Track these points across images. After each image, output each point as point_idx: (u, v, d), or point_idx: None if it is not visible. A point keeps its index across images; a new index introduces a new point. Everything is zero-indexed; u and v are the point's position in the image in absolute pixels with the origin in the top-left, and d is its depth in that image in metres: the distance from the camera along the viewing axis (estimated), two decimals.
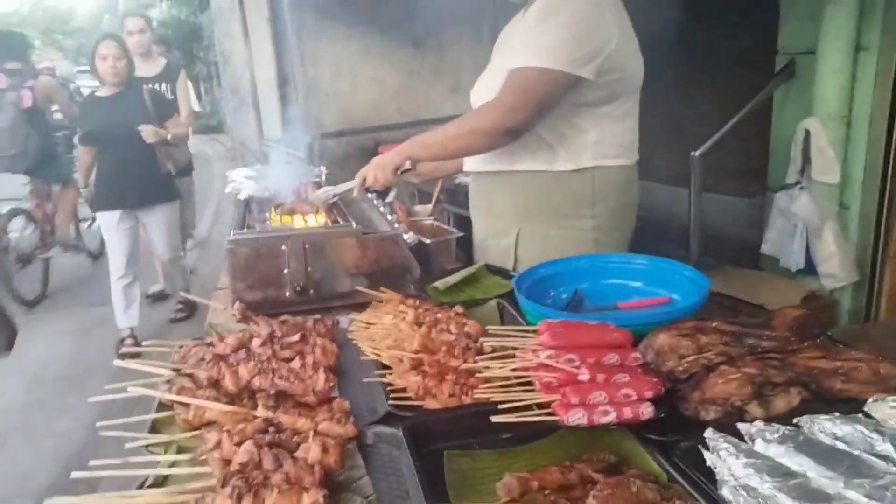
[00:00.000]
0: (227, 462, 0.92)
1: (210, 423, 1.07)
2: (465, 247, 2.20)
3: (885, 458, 0.80)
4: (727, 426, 0.95)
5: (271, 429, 1.01)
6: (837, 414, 0.90)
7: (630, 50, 1.76)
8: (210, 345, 1.25)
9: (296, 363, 1.20)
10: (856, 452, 0.83)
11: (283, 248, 1.62)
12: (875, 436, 0.83)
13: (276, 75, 3.96)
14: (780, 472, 0.80)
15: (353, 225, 1.69)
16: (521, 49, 1.67)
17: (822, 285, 2.55)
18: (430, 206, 2.32)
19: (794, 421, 0.94)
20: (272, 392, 1.11)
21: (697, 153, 2.70)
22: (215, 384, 1.13)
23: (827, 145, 2.48)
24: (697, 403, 1.03)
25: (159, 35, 4.90)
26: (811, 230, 2.50)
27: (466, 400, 1.10)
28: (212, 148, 13.29)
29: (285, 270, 1.62)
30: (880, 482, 0.74)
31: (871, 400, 0.94)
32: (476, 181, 2.01)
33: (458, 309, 1.45)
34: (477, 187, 2.01)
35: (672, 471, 0.89)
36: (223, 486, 0.83)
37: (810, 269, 2.59)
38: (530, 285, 1.54)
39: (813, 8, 2.49)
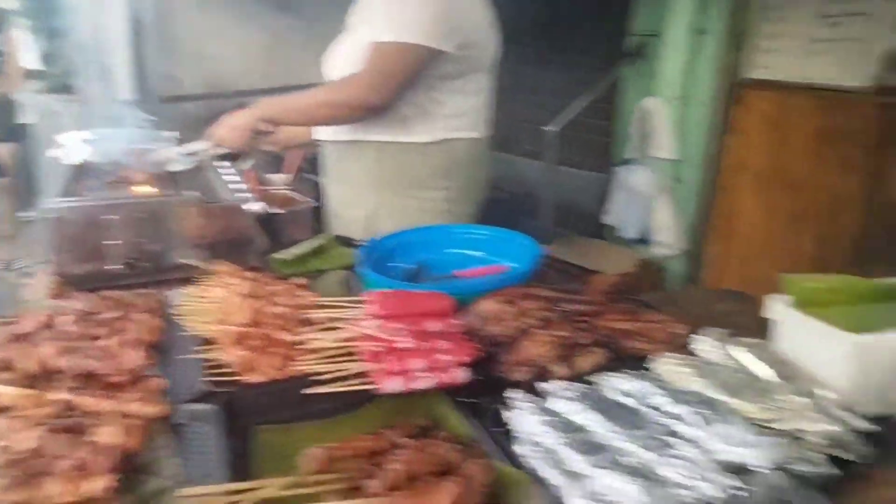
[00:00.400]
0: (13, 449, 0.85)
1: (5, 409, 0.99)
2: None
3: (656, 409, 0.87)
4: (533, 387, 1.01)
5: (71, 412, 0.95)
6: (617, 370, 0.98)
7: (485, 26, 1.79)
8: (10, 324, 1.15)
9: (107, 341, 1.13)
10: (638, 407, 0.90)
11: (113, 217, 1.51)
12: (656, 390, 0.90)
13: (128, 30, 3.65)
14: (567, 427, 0.85)
15: (191, 193, 1.61)
16: (384, 22, 1.64)
17: (655, 253, 2.75)
18: (289, 176, 2.25)
19: (589, 379, 1.01)
20: (77, 373, 1.04)
21: (550, 128, 2.80)
22: (9, 367, 1.04)
23: (665, 123, 2.66)
24: (510, 366, 1.08)
25: None
26: (647, 203, 2.69)
27: (288, 374, 1.09)
28: (68, 109, 12.16)
29: (113, 242, 1.52)
30: (650, 432, 0.81)
31: (653, 358, 1.02)
32: (329, 150, 1.98)
33: (300, 281, 1.43)
34: (330, 156, 1.98)
35: (477, 431, 0.93)
36: None
37: (647, 238, 2.79)
38: (376, 256, 1.55)
39: None
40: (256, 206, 1.77)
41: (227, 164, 2.21)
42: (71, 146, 2.01)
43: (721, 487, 0.71)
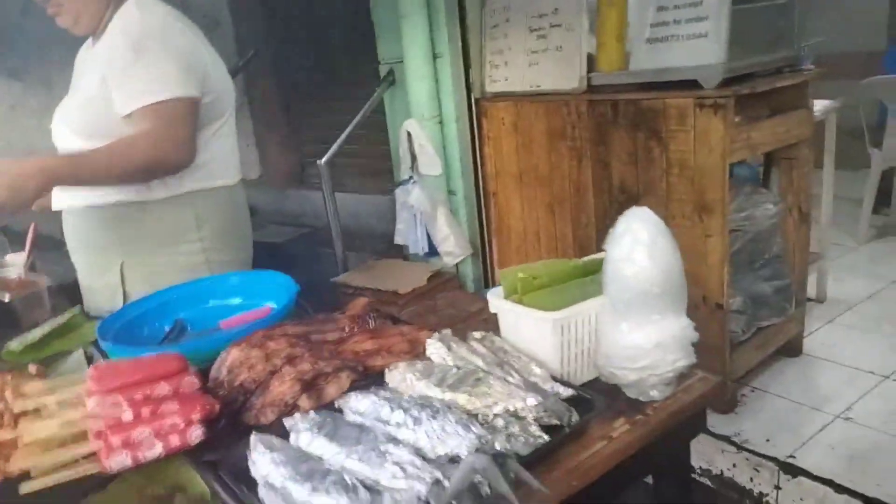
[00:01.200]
0: None
1: None
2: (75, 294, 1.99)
3: (384, 421, 0.92)
4: (282, 425, 1.01)
5: None
6: (365, 389, 1.02)
7: (221, 71, 1.79)
8: None
9: None
10: (367, 422, 0.94)
11: None
12: (381, 402, 0.95)
13: None
14: (299, 461, 0.87)
15: None
16: (136, 89, 1.57)
17: (444, 263, 2.90)
18: (23, 254, 2.03)
19: (336, 404, 1.04)
20: None
21: (322, 161, 2.85)
22: None
23: (427, 143, 2.82)
24: (258, 410, 1.08)
25: None
26: (427, 218, 2.83)
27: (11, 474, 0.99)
28: None
29: None
30: (370, 445, 0.86)
31: (387, 370, 1.08)
32: (69, 217, 1.83)
33: (32, 369, 1.31)
34: (72, 224, 1.83)
35: (218, 487, 0.91)
36: None
37: (435, 251, 2.93)
38: (120, 327, 1.46)
39: (395, 23, 2.80)
40: None
41: None
42: None
43: (424, 481, 0.76)
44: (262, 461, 0.88)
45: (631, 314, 1.04)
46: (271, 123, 4.54)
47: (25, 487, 0.90)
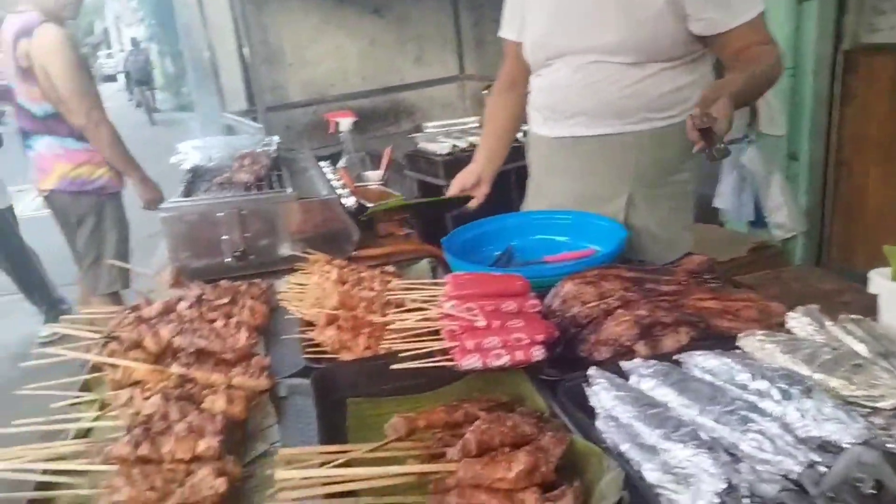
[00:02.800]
0: (139, 415, 0.97)
1: (137, 383, 1.12)
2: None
3: (741, 386, 0.85)
4: (616, 366, 1.01)
5: (188, 384, 1.06)
6: (708, 349, 0.95)
7: None
8: (137, 309, 1.29)
9: (220, 323, 1.24)
10: (719, 383, 0.88)
11: (219, 214, 1.65)
12: (738, 367, 0.88)
13: (236, 46, 3.92)
14: (643, 403, 0.85)
15: (289, 190, 1.72)
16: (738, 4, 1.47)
17: (772, 236, 2.61)
18: (380, 172, 2.35)
19: (675, 357, 1.00)
20: (192, 350, 1.15)
21: None
22: (139, 345, 1.17)
23: (773, 98, 2.51)
24: (592, 345, 1.09)
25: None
26: (759, 182, 2.55)
27: (380, 352, 1.16)
28: (188, 123, 13.17)
29: (223, 237, 1.66)
30: (729, 408, 0.80)
31: (741, 335, 0.99)
32: (562, 146, 1.71)
33: (389, 268, 1.50)
34: (566, 153, 1.71)
35: (555, 406, 0.95)
36: (126, 434, 0.88)
37: (762, 220, 2.65)
38: (461, 244, 1.59)
39: None
40: (350, 201, 1.87)
41: (326, 163, 2.34)
42: (186, 153, 2.21)
43: (798, 462, 0.68)
44: (605, 394, 0.89)
45: None
46: None
47: (395, 366, 1.03)
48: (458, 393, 1.07)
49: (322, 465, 0.82)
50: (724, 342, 1.03)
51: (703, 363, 0.93)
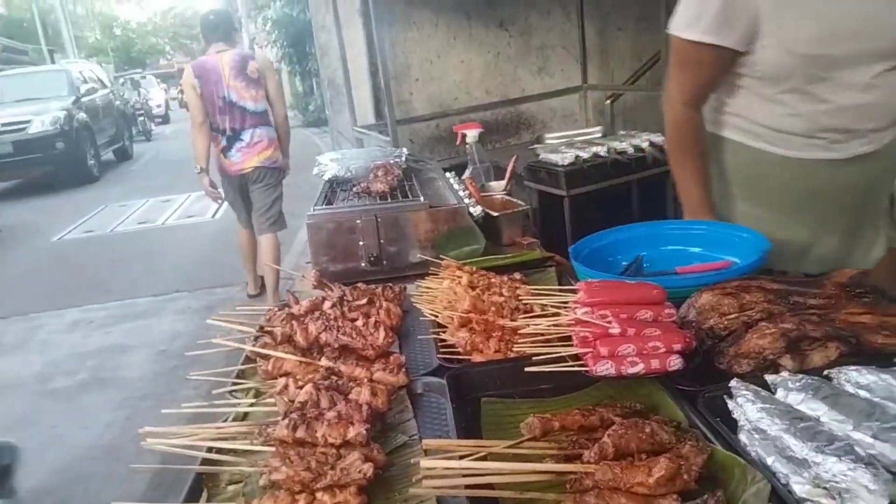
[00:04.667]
0: (292, 402, 1.06)
1: (286, 374, 1.23)
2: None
3: None
4: (758, 379, 0.98)
5: (333, 377, 1.15)
6: (866, 365, 0.90)
7: None
8: (287, 306, 1.41)
9: (360, 322, 1.33)
10: (875, 399, 0.83)
11: (358, 222, 1.76)
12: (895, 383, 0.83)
13: (367, 64, 4.14)
14: (792, 416, 0.82)
15: (421, 199, 1.80)
16: None
17: None
18: (503, 182, 2.39)
19: (825, 373, 0.95)
20: (336, 346, 1.24)
21: None
22: (289, 340, 1.28)
23: None
24: (732, 358, 1.05)
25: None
26: None
27: (510, 354, 1.19)
28: (321, 139, 14.03)
29: (360, 243, 1.77)
30: (889, 424, 0.75)
31: None
32: (840, 166, 1.49)
33: (516, 275, 1.53)
34: (846, 171, 1.49)
35: (693, 417, 0.93)
36: (283, 418, 0.97)
37: None
38: (589, 252, 1.59)
39: None
40: (476, 210, 1.92)
41: (451, 173, 2.42)
42: (326, 165, 2.37)
43: None
44: (750, 406, 0.87)
45: None
46: None
47: (529, 368, 1.06)
48: (589, 399, 1.08)
49: (462, 457, 0.86)
50: (879, 359, 0.96)
51: (858, 378, 0.88)
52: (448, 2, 4.23)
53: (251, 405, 1.17)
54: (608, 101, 4.20)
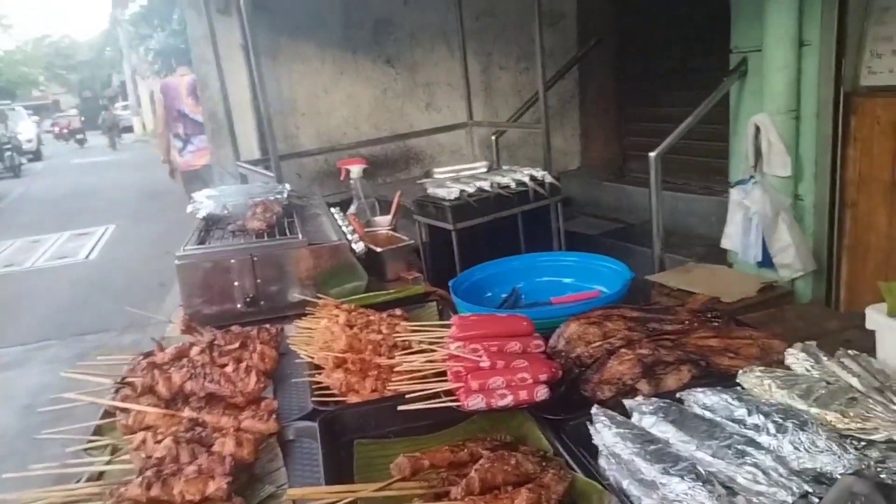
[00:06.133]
0: (150, 458, 0.99)
1: (147, 428, 1.15)
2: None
3: (739, 421, 0.86)
4: (619, 404, 1.02)
5: (197, 428, 1.08)
6: (710, 386, 0.97)
7: None
8: (150, 355, 1.32)
9: (230, 368, 1.27)
10: (717, 419, 0.89)
11: (232, 261, 1.69)
12: (736, 403, 0.89)
13: (251, 98, 4.05)
14: (644, 440, 0.86)
15: (300, 236, 1.77)
16: None
17: (780, 276, 2.60)
18: (388, 217, 2.40)
19: (678, 395, 1.01)
20: (202, 395, 1.18)
21: (654, 154, 2.77)
22: (151, 390, 1.20)
23: (777, 139, 2.55)
24: (595, 384, 1.10)
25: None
26: (766, 223, 2.56)
27: (387, 393, 1.17)
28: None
29: (235, 283, 1.70)
30: (725, 442, 0.81)
31: (741, 372, 1.00)
32: None
33: (396, 311, 1.53)
34: None
35: (558, 445, 0.96)
36: (138, 476, 0.90)
37: (769, 261, 2.65)
38: (467, 286, 1.62)
39: (758, 7, 2.57)
40: (359, 246, 1.91)
41: (336, 209, 2.40)
42: (201, 202, 2.27)
43: (792, 493, 0.69)
44: (607, 432, 0.90)
45: None
46: (599, 115, 4.59)
47: (402, 407, 1.05)
48: (464, 433, 1.08)
49: None
50: (725, 379, 1.04)
51: (703, 399, 0.95)
52: (334, 37, 4.24)
53: (107, 463, 1.08)
54: (493, 137, 4.34)
